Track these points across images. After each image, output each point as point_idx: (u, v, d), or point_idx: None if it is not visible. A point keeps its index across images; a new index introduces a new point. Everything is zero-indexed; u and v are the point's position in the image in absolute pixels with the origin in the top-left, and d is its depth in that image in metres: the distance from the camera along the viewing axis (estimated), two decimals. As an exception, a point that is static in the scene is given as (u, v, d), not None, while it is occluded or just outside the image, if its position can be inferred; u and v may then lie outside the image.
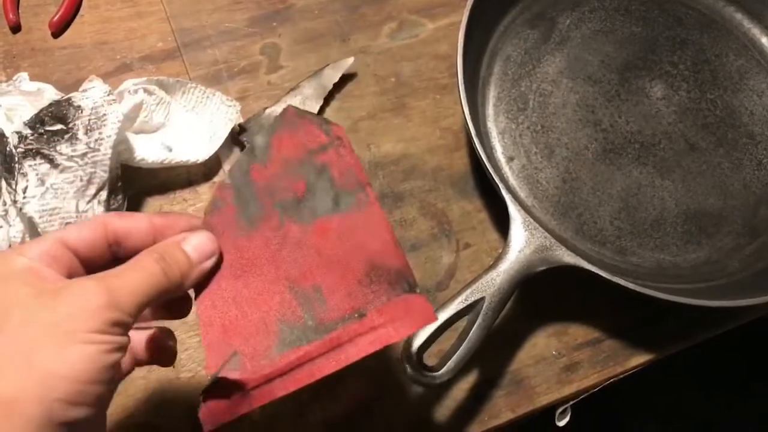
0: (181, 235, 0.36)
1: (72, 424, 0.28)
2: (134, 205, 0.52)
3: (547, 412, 0.52)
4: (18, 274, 0.30)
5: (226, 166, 0.55)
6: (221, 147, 0.54)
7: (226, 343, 0.37)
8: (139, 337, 0.38)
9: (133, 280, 0.32)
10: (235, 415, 0.35)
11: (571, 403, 0.52)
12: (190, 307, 0.38)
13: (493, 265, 0.47)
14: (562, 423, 0.52)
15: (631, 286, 0.47)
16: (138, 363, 0.39)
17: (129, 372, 0.38)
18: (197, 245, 0.36)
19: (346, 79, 0.58)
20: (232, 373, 0.36)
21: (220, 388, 0.35)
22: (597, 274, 0.47)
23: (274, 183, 0.38)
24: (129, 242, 0.35)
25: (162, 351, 0.39)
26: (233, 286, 0.37)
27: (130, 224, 0.35)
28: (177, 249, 0.35)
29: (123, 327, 0.30)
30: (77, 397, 0.28)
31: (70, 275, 0.32)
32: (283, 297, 0.37)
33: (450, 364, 0.45)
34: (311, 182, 0.38)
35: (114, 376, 0.30)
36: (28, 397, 0.27)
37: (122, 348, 0.30)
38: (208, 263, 0.36)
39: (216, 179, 0.54)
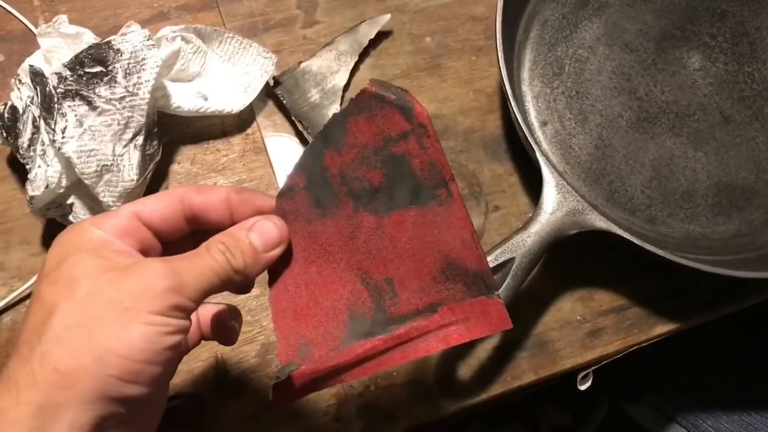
0: (250, 221, 0.35)
1: (127, 401, 0.29)
2: (168, 152, 0.52)
3: (569, 376, 0.52)
4: (91, 246, 0.31)
5: (260, 119, 0.55)
6: (255, 99, 0.54)
7: (297, 331, 0.36)
8: (205, 312, 0.39)
9: (199, 267, 0.32)
10: (301, 396, 0.36)
11: (593, 368, 0.52)
12: (252, 286, 0.38)
13: (524, 227, 0.47)
14: (583, 387, 0.52)
15: (660, 253, 0.47)
16: (203, 337, 0.39)
17: (196, 344, 0.39)
18: (265, 233, 0.35)
19: (381, 36, 0.58)
20: (302, 363, 0.36)
21: (289, 376, 0.36)
22: (628, 240, 0.47)
23: (349, 171, 0.36)
24: (206, 217, 0.35)
25: (225, 330, 0.39)
26: (306, 271, 0.37)
27: (208, 199, 0.35)
28: (243, 238, 0.34)
29: (185, 311, 0.31)
30: (133, 376, 0.28)
31: (144, 249, 0.33)
32: (355, 287, 0.37)
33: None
34: (389, 173, 0.36)
35: (173, 357, 0.31)
36: (85, 371, 0.28)
37: (182, 331, 0.30)
38: (275, 252, 0.35)
39: (249, 131, 0.54)
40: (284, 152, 0.54)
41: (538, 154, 0.49)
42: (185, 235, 0.35)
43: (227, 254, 0.33)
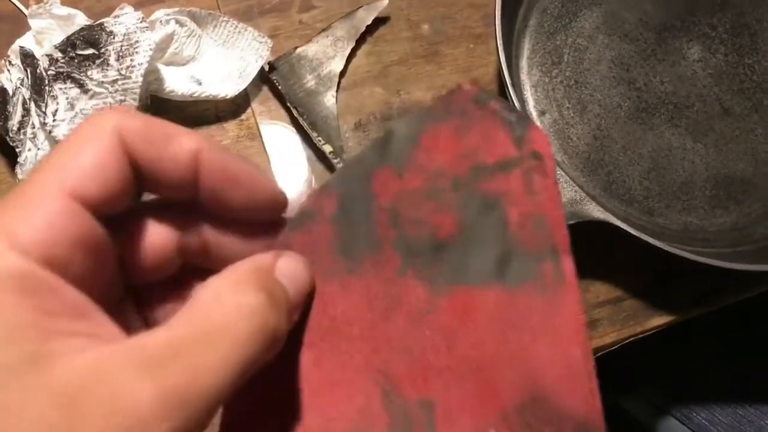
0: (267, 256, 0.23)
1: None
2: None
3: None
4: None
5: (255, 104, 0.54)
6: (250, 85, 0.53)
7: None
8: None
9: (217, 366, 0.18)
10: None
11: (589, 359, 0.52)
12: None
13: (521, 217, 0.46)
14: (578, 378, 0.52)
15: (658, 244, 0.46)
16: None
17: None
18: (296, 278, 0.23)
19: (378, 22, 0.57)
20: None
21: None
22: (625, 231, 0.47)
23: (407, 207, 0.23)
24: (154, 181, 0.22)
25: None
26: (296, 357, 0.24)
27: (163, 154, 0.22)
28: (277, 286, 0.21)
29: None
30: None
31: (96, 268, 0.21)
32: (369, 403, 0.23)
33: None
34: (469, 221, 0.23)
35: None
36: None
37: None
38: (297, 315, 0.23)
39: (243, 116, 0.54)
40: (279, 140, 0.54)
41: (536, 144, 0.48)
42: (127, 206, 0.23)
43: (266, 311, 0.20)
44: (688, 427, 0.63)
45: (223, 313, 0.19)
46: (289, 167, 0.53)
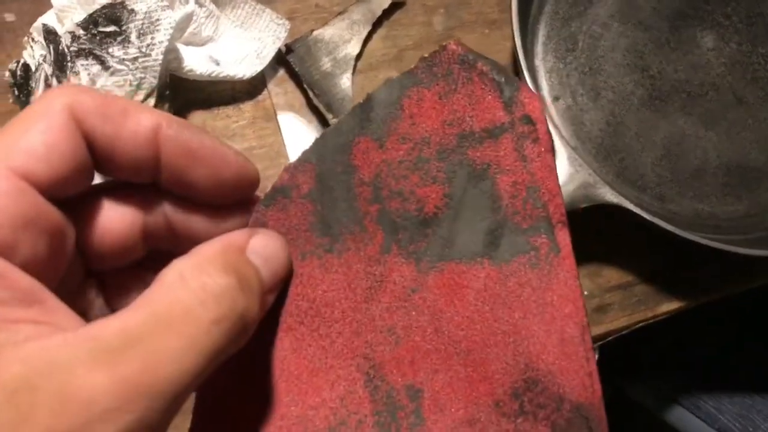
0: (240, 232, 0.21)
1: None
2: (178, 117, 0.52)
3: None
4: None
5: (271, 86, 0.55)
6: (266, 67, 0.53)
7: None
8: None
9: (179, 353, 0.17)
10: None
11: (599, 344, 0.52)
12: None
13: (535, 199, 0.47)
14: (588, 362, 0.52)
15: (671, 229, 0.47)
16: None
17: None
18: (271, 259, 0.21)
19: (394, 6, 0.58)
20: None
21: None
22: (638, 215, 0.47)
23: (390, 179, 0.22)
24: (111, 159, 0.21)
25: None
26: (273, 343, 0.22)
27: (120, 131, 0.20)
28: (248, 267, 0.20)
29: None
30: None
31: (52, 250, 0.19)
32: (352, 389, 0.21)
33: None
34: (455, 192, 0.21)
35: None
36: None
37: None
38: (273, 297, 0.21)
39: (260, 97, 0.54)
40: (294, 122, 0.54)
41: (550, 127, 0.48)
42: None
43: (234, 295, 0.18)
44: (696, 416, 0.64)
45: (187, 296, 0.17)
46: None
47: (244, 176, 0.22)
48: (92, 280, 0.20)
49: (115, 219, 0.21)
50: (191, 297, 0.17)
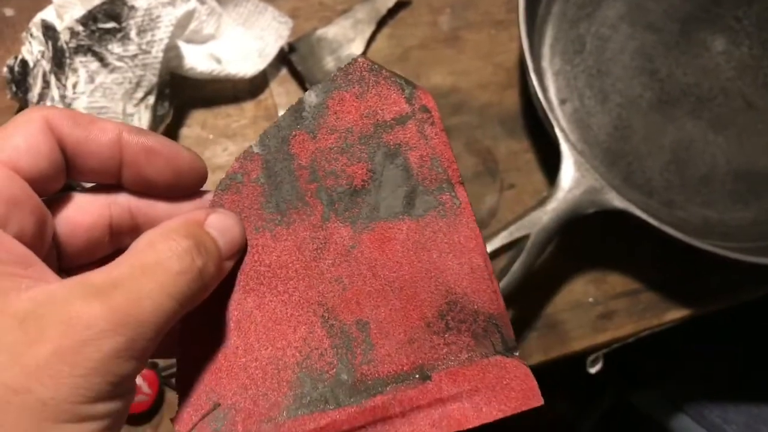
0: (198, 213, 0.25)
1: None
2: (179, 115, 0.51)
3: (579, 359, 0.52)
4: None
5: (273, 85, 0.54)
6: (268, 65, 0.53)
7: (213, 389, 0.26)
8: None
9: (155, 287, 0.21)
10: None
11: (604, 351, 0.51)
12: None
13: (541, 203, 0.46)
14: (593, 370, 0.51)
15: (679, 236, 0.46)
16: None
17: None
18: (227, 231, 0.25)
19: (400, 5, 0.57)
20: None
21: None
22: (645, 221, 0.46)
23: (324, 163, 0.28)
24: (81, 162, 0.24)
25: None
26: (241, 302, 0.27)
27: (89, 135, 0.24)
28: (205, 232, 0.24)
29: (132, 380, 0.22)
30: None
31: (38, 228, 0.23)
32: (311, 330, 0.27)
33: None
34: (376, 168, 0.28)
35: None
36: None
37: (122, 416, 0.22)
38: (231, 264, 0.26)
39: (261, 96, 0.53)
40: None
41: (557, 131, 0.48)
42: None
43: (193, 254, 0.23)
44: (702, 426, 0.63)
45: (156, 254, 0.22)
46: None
47: (196, 169, 0.26)
48: (63, 275, 0.23)
49: (86, 215, 0.25)
50: (160, 254, 0.22)
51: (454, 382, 0.26)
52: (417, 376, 0.26)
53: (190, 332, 0.26)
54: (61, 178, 0.24)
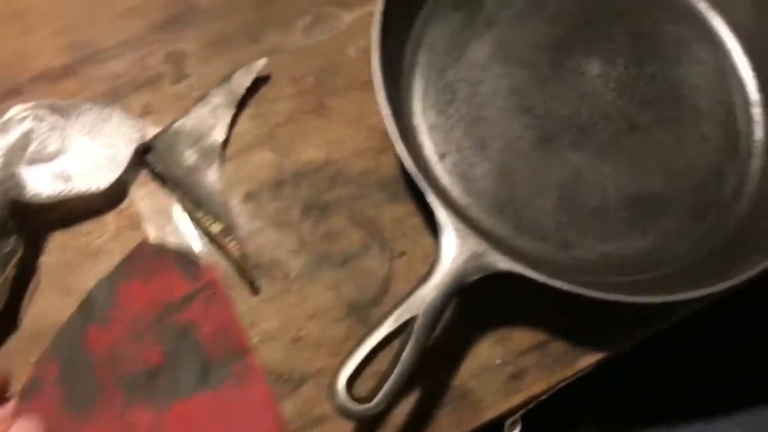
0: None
1: None
2: (35, 243, 0.48)
3: (497, 425, 0.49)
4: None
5: (134, 190, 0.51)
6: (127, 170, 0.50)
7: None
8: None
9: None
10: None
11: (521, 412, 0.49)
12: None
13: (423, 280, 0.44)
14: (512, 434, 0.49)
15: (566, 287, 0.44)
16: None
17: None
18: None
19: (259, 82, 0.54)
20: None
21: None
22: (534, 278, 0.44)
23: (119, 351, 0.29)
24: None
25: None
26: None
27: None
28: None
29: None
30: None
31: None
32: None
33: (383, 391, 0.42)
34: (170, 349, 0.29)
35: None
36: None
37: None
38: None
39: (123, 205, 0.50)
40: (164, 227, 0.50)
41: (430, 197, 0.46)
42: None
43: None
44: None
45: None
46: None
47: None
48: None
49: None
50: None
51: None
52: None
53: None
54: None
